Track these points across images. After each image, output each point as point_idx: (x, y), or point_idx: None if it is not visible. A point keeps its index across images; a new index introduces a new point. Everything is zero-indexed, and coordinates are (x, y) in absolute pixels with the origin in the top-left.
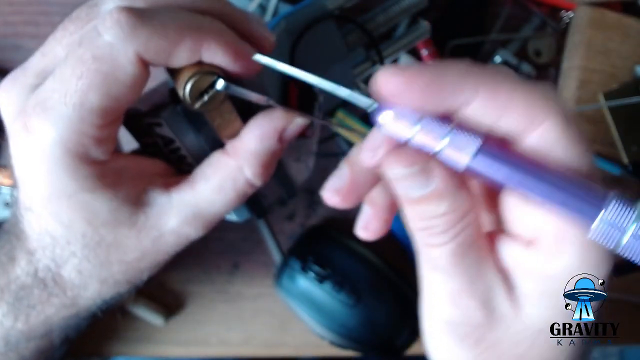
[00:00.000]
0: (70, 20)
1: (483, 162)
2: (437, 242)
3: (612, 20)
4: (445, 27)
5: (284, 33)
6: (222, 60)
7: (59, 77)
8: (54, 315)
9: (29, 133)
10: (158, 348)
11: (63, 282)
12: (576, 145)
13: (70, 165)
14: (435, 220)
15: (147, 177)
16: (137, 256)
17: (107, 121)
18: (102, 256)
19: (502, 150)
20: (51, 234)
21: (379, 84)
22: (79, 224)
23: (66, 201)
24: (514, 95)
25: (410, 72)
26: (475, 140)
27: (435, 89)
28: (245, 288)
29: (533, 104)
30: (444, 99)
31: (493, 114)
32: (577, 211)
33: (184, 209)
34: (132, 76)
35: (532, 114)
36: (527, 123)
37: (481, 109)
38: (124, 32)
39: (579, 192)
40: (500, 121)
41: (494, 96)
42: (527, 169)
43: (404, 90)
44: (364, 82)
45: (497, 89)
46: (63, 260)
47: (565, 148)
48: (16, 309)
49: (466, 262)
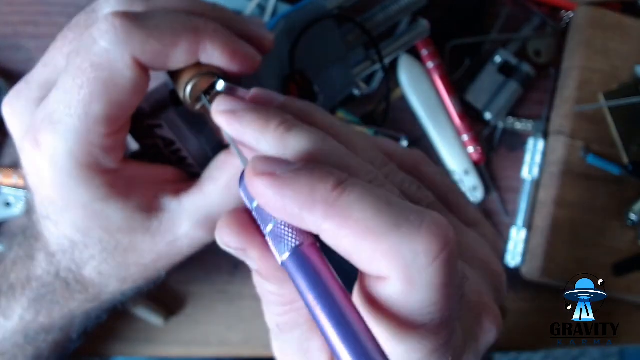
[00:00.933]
0: (69, 28)
1: (294, 266)
2: (269, 310)
3: (612, 20)
4: (445, 27)
5: (283, 33)
6: (220, 60)
7: (61, 88)
8: (76, 309)
9: (39, 148)
10: (158, 348)
11: (85, 281)
12: (421, 301)
13: (81, 177)
14: (267, 294)
15: (157, 183)
16: (154, 258)
17: (114, 129)
18: (120, 259)
19: (317, 268)
20: (70, 239)
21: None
22: (96, 231)
23: (81, 211)
24: (360, 244)
25: (271, 184)
26: (294, 241)
27: (290, 207)
28: (245, 288)
29: (378, 259)
30: (299, 218)
31: (340, 248)
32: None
33: (195, 213)
34: (131, 81)
35: (375, 268)
36: (371, 272)
37: (329, 240)
38: (118, 36)
39: (361, 350)
40: (348, 256)
41: (336, 236)
42: (328, 299)
43: (262, 197)
44: (363, 82)
45: (340, 234)
46: (83, 262)
47: (407, 302)
48: (38, 304)
49: (295, 335)
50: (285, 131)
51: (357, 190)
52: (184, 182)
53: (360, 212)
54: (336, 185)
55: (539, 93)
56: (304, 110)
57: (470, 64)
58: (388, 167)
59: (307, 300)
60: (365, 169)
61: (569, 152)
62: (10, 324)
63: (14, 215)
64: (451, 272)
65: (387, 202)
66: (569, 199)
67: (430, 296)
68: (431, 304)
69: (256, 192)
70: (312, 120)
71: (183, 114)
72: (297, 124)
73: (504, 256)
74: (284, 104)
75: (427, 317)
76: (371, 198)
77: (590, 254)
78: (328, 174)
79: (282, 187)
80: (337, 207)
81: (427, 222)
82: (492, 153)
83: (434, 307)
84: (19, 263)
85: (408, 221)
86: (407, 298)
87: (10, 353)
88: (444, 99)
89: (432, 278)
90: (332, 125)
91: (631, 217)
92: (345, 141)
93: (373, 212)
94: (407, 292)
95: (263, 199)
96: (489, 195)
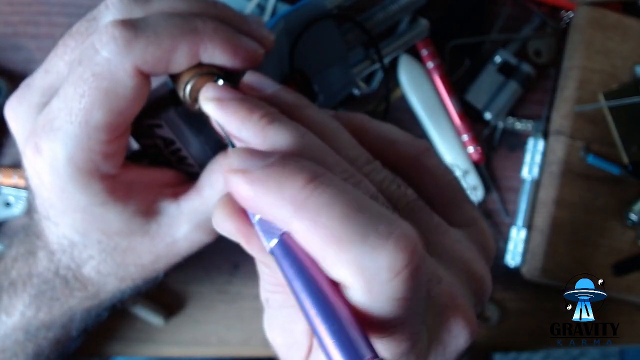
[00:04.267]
0: (70, 35)
1: (279, 254)
2: (262, 284)
3: (612, 20)
4: (445, 26)
5: (282, 32)
6: (222, 58)
7: (63, 96)
8: (76, 306)
9: (40, 154)
10: (158, 348)
11: (84, 280)
12: (381, 311)
13: (81, 182)
14: (262, 271)
15: (156, 187)
16: (152, 259)
17: (114, 136)
18: (119, 259)
19: (302, 256)
20: (69, 239)
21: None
22: (95, 233)
23: (80, 214)
24: (325, 249)
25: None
26: (279, 230)
27: (260, 205)
28: (245, 288)
29: (341, 267)
30: (271, 215)
31: (308, 250)
32: (329, 354)
33: (194, 216)
34: (133, 89)
35: (337, 275)
36: (334, 277)
37: (298, 238)
38: (119, 47)
39: (345, 339)
40: (315, 258)
41: (303, 238)
42: (311, 286)
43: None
44: (363, 81)
45: (307, 237)
46: (82, 261)
47: (368, 310)
48: (39, 300)
49: (283, 313)
50: (267, 123)
51: (328, 191)
52: (183, 185)
53: (327, 218)
54: (307, 182)
55: (539, 93)
56: (294, 104)
57: (470, 64)
58: (371, 165)
59: (292, 286)
60: (341, 167)
61: (569, 152)
62: (11, 321)
63: (14, 215)
64: (413, 287)
65: (358, 208)
66: (569, 199)
67: (390, 308)
68: (392, 316)
69: (232, 189)
70: (300, 115)
71: (183, 113)
72: (280, 118)
73: (504, 256)
74: (275, 94)
75: (387, 325)
76: (341, 202)
77: (590, 254)
78: (299, 169)
79: (253, 185)
80: (305, 209)
81: (395, 235)
82: (492, 153)
83: (394, 320)
84: (20, 260)
85: (376, 232)
86: (367, 307)
87: (11, 350)
88: (444, 99)
89: (392, 293)
90: (319, 122)
91: (631, 217)
92: (330, 138)
93: (341, 219)
94: (368, 301)
95: (238, 195)
96: (489, 195)
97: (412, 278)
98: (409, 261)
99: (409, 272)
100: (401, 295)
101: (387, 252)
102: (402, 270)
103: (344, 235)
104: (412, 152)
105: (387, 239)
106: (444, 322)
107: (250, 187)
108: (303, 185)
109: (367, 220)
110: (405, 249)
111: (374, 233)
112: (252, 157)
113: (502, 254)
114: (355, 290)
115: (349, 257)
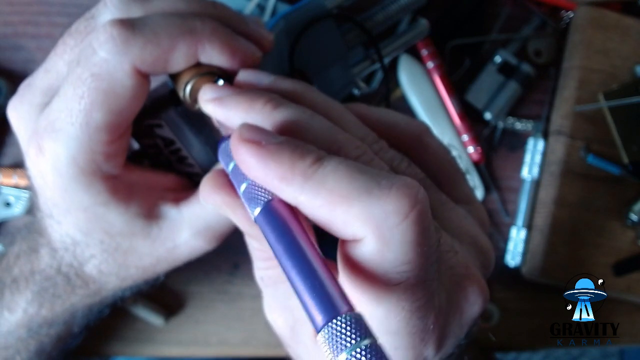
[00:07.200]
0: (69, 34)
1: (264, 221)
2: (255, 265)
3: (612, 20)
4: (445, 26)
5: (282, 33)
6: (219, 59)
7: (62, 97)
8: (78, 303)
9: (43, 154)
10: (158, 348)
11: (86, 277)
12: (394, 259)
13: (83, 182)
14: (253, 250)
15: (158, 191)
16: (153, 262)
17: (114, 136)
18: (120, 260)
19: (285, 221)
20: (72, 237)
21: (235, 151)
22: (97, 232)
23: (83, 213)
24: (334, 210)
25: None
26: (264, 197)
27: (270, 178)
28: (245, 288)
29: (352, 223)
30: (279, 189)
31: (317, 219)
32: (309, 311)
33: (195, 222)
34: (131, 88)
35: (350, 232)
36: (346, 236)
37: (306, 211)
38: (117, 46)
39: (323, 294)
40: (326, 224)
41: (312, 206)
42: (294, 249)
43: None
44: (363, 81)
45: (315, 205)
46: (84, 259)
47: (382, 261)
48: (41, 297)
49: (279, 290)
50: (272, 109)
51: (333, 162)
52: (185, 191)
53: (333, 181)
54: (315, 161)
55: (539, 93)
56: (294, 90)
57: (470, 64)
58: (378, 144)
59: (275, 252)
60: (353, 143)
61: (569, 152)
62: (14, 318)
63: (14, 215)
64: (423, 230)
65: (360, 170)
66: (569, 199)
67: (403, 253)
68: (404, 261)
69: (240, 158)
70: (303, 100)
71: (183, 113)
72: (283, 102)
73: (504, 256)
74: (272, 85)
75: (402, 275)
76: (345, 168)
77: (590, 254)
78: (309, 150)
79: (265, 157)
80: (313, 179)
81: (397, 184)
82: (492, 153)
83: (407, 265)
84: (22, 257)
85: (379, 185)
86: (381, 256)
87: (14, 347)
88: (444, 99)
89: (403, 236)
90: (323, 104)
91: (631, 217)
92: (337, 119)
93: (346, 180)
94: (381, 250)
95: (244, 165)
96: (489, 195)
97: (420, 221)
98: (414, 204)
99: (416, 214)
100: (411, 239)
101: (392, 199)
102: (409, 213)
103: (350, 192)
104: (414, 132)
105: (390, 188)
106: (462, 290)
107: (261, 159)
108: (311, 163)
109: (370, 177)
110: (409, 195)
111: (377, 186)
112: (265, 132)
113: (502, 254)
114: (369, 240)
115: (357, 210)
